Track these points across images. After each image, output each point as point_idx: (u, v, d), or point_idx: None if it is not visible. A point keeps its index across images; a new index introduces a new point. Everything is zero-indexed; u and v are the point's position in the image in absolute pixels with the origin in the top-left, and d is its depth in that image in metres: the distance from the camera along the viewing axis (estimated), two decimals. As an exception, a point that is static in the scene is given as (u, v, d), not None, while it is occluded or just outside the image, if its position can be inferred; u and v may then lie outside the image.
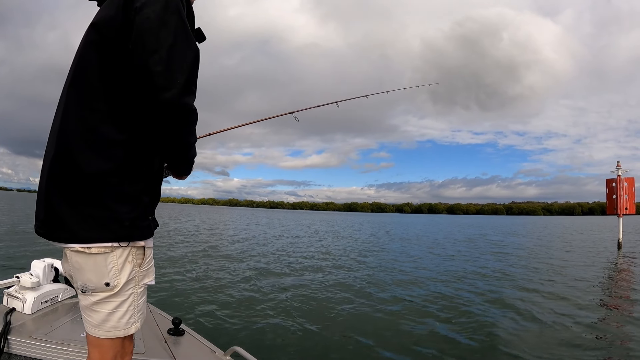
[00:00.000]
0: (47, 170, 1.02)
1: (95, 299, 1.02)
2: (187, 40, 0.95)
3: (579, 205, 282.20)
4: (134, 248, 1.04)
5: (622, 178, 13.35)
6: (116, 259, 1.00)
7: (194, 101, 0.99)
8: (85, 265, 1.00)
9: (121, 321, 1.04)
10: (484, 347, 3.81)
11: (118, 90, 0.97)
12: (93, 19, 1.02)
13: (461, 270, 8.82)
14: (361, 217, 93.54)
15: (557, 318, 4.79)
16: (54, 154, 1.00)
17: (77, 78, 1.01)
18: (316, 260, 10.01)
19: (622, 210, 13.29)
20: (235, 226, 25.77)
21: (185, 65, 0.94)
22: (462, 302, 5.63)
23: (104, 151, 0.96)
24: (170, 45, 0.91)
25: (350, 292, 6.20)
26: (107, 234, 0.98)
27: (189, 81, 0.95)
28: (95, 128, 0.96)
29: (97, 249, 0.98)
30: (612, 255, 12.26)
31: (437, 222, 59.37)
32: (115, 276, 1.01)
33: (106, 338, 1.04)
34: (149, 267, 1.10)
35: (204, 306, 4.90)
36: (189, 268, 7.73)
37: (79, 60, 1.02)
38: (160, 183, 1.13)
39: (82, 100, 0.98)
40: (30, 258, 2.07)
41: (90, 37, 0.99)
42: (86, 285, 1.01)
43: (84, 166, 0.95)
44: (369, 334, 4.13)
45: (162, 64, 0.89)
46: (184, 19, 0.96)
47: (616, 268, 9.83)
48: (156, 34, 0.90)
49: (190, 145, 1.08)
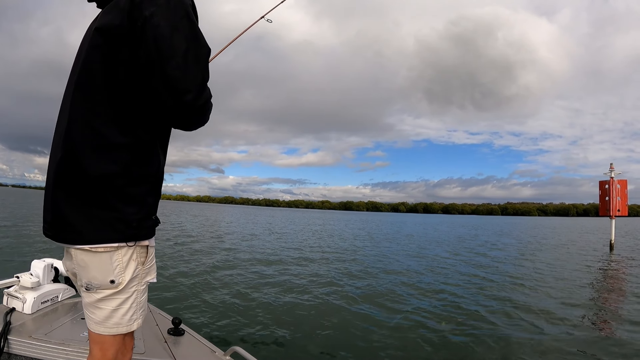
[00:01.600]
0: (53, 173, 1.03)
1: (99, 296, 1.04)
2: (199, 41, 0.98)
3: (574, 207, 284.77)
4: (138, 247, 1.06)
5: (615, 180, 13.52)
6: (121, 257, 1.03)
7: (211, 95, 1.04)
8: (91, 263, 1.01)
9: (124, 318, 1.06)
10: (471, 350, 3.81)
11: (123, 94, 0.98)
12: (97, 23, 1.02)
13: (468, 271, 8.87)
14: (359, 215, 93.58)
15: (546, 320, 4.81)
16: (60, 157, 1.01)
17: (81, 81, 1.01)
18: (317, 260, 10.03)
19: (615, 212, 13.46)
20: (234, 225, 25.70)
21: (201, 65, 0.97)
22: (453, 303, 5.68)
23: (109, 154, 0.98)
24: (185, 49, 0.93)
25: (352, 293, 6.22)
26: (114, 235, 1.00)
27: (205, 78, 0.99)
28: (101, 131, 0.98)
29: (104, 248, 1.00)
30: (605, 257, 12.40)
31: (452, 221, 59.57)
32: (120, 274, 1.03)
33: (108, 335, 1.06)
34: (151, 264, 1.12)
35: (204, 306, 4.90)
36: (189, 268, 7.72)
37: (84, 63, 1.02)
38: (162, 183, 1.15)
39: (87, 104, 0.99)
40: (30, 258, 2.07)
41: (95, 42, 1.00)
42: (91, 282, 1.03)
43: (89, 169, 0.97)
44: (369, 334, 4.17)
45: (179, 69, 0.92)
46: (193, 21, 0.98)
47: (608, 269, 9.94)
48: (170, 40, 0.92)
49: (208, 118, 1.08)
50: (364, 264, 9.55)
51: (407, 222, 50.18)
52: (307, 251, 12.03)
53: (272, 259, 9.66)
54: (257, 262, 9.06)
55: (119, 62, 0.97)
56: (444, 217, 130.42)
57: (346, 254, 11.58)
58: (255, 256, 10.08)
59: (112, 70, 0.97)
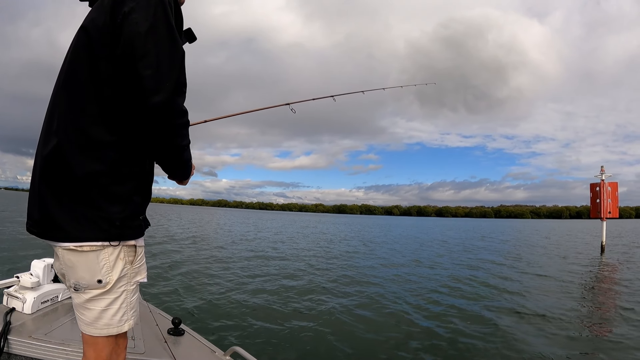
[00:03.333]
0: (38, 170, 1.03)
1: (88, 297, 1.03)
2: (174, 43, 0.97)
3: (567, 209, 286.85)
4: (125, 246, 1.05)
5: (605, 182, 13.69)
6: (108, 256, 1.02)
7: (184, 102, 1.01)
8: (78, 263, 1.01)
9: (114, 318, 1.05)
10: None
11: (108, 93, 0.98)
12: (83, 22, 1.03)
13: (454, 274, 8.92)
14: (354, 219, 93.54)
15: (536, 322, 4.81)
16: (46, 155, 1.01)
17: (68, 80, 1.02)
18: (317, 263, 10.04)
19: (606, 214, 13.62)
20: (232, 227, 25.66)
21: (174, 67, 0.96)
22: (436, 302, 5.72)
23: (94, 152, 0.98)
24: (158, 49, 0.93)
25: (352, 293, 6.25)
26: (98, 233, 0.99)
27: (179, 83, 0.97)
28: (86, 130, 0.97)
29: (89, 247, 0.99)
30: (596, 259, 12.53)
31: (460, 225, 59.71)
32: (108, 273, 1.02)
33: (100, 336, 1.05)
34: (140, 264, 1.11)
35: (204, 306, 4.91)
36: (189, 268, 7.72)
37: (70, 62, 1.03)
38: (151, 183, 1.14)
39: (73, 102, 0.99)
40: (30, 258, 2.06)
41: (80, 40, 1.01)
42: (79, 282, 1.02)
43: (75, 167, 0.97)
44: (369, 334, 4.19)
45: (151, 67, 0.91)
46: (170, 22, 0.98)
47: (599, 271, 10.03)
48: (144, 38, 0.92)
49: (183, 147, 1.07)
50: (365, 267, 9.56)
51: (407, 225, 50.24)
52: (307, 253, 12.04)
53: (272, 261, 9.66)
54: (257, 263, 9.09)
55: (103, 60, 0.97)
56: (438, 220, 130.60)
57: (346, 257, 11.58)
58: (255, 257, 10.10)
59: (96, 68, 0.98)
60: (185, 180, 1.24)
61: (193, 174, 1.26)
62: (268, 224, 34.22)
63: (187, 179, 1.23)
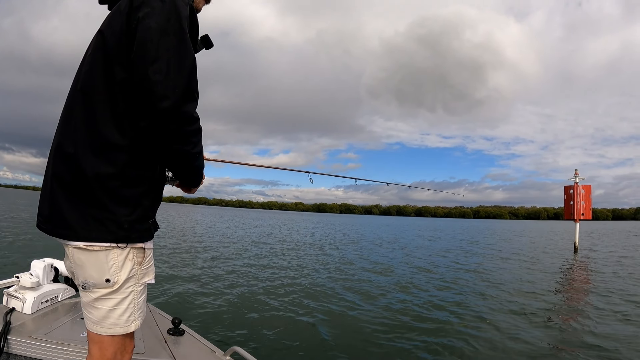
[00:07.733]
0: (51, 168, 1.06)
1: (96, 296, 1.05)
2: (185, 50, 0.98)
3: (545, 210, 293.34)
4: (134, 248, 1.07)
5: (579, 185, 14.21)
6: (117, 256, 1.04)
7: (195, 108, 1.02)
8: (87, 262, 1.03)
9: (121, 318, 1.07)
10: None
11: (122, 97, 1.00)
12: (100, 26, 1.07)
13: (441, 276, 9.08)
14: (336, 218, 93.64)
15: (507, 323, 4.82)
16: (59, 155, 1.04)
17: (84, 82, 1.05)
18: (317, 261, 10.07)
19: (579, 216, 14.14)
20: (226, 226, 25.39)
21: (184, 73, 0.97)
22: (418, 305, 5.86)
23: (106, 155, 1.00)
24: (170, 54, 0.94)
25: (352, 293, 6.29)
26: (106, 235, 1.01)
27: (189, 88, 0.98)
28: (100, 131, 1.00)
29: (99, 247, 1.01)
30: (569, 259, 12.98)
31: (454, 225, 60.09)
32: (116, 273, 1.04)
33: (106, 335, 1.07)
34: (149, 265, 1.13)
35: (204, 306, 4.89)
36: (189, 268, 7.65)
37: (87, 65, 1.06)
38: (162, 187, 1.17)
39: (88, 104, 1.02)
40: (30, 258, 2.05)
41: (98, 44, 1.04)
42: (87, 281, 1.04)
43: (86, 168, 0.99)
44: (369, 333, 4.23)
45: (160, 73, 0.92)
46: (183, 29, 0.99)
47: (572, 271, 10.40)
48: (156, 43, 0.93)
49: (193, 155, 1.08)
50: (365, 267, 9.59)
51: (407, 225, 50.51)
52: (306, 252, 12.05)
53: (271, 260, 9.65)
54: (256, 262, 9.05)
55: (117, 64, 0.99)
56: (418, 220, 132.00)
57: (346, 258, 11.51)
58: (255, 257, 10.06)
59: (111, 72, 1.00)
60: (194, 189, 1.26)
61: (203, 183, 1.27)
62: (259, 222, 33.88)
63: (195, 187, 1.25)
